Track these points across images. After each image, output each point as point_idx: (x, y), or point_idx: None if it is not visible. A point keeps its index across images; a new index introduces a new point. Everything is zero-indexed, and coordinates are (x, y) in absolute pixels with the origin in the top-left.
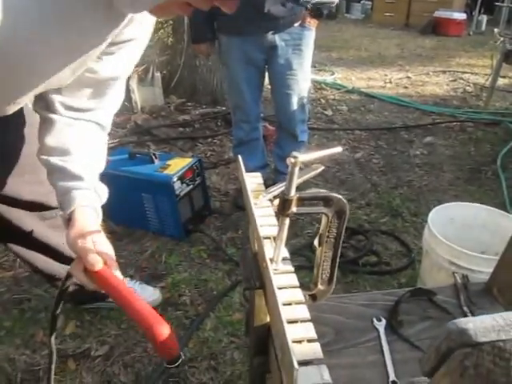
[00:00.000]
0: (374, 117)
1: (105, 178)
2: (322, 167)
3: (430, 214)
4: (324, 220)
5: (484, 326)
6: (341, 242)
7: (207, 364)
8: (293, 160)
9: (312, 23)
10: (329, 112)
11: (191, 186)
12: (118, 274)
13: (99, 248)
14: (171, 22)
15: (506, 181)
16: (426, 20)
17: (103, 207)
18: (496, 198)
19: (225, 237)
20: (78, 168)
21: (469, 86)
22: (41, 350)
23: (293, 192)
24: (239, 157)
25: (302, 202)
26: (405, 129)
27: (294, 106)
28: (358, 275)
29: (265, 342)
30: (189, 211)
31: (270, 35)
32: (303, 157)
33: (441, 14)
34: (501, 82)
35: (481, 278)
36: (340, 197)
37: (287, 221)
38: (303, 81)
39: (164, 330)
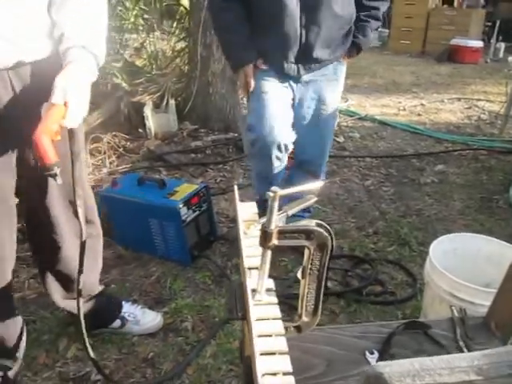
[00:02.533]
0: (386, 144)
1: (114, 202)
2: (315, 198)
3: (432, 245)
4: (306, 252)
5: (400, 370)
6: (324, 274)
7: None
8: (272, 194)
9: (346, 58)
10: (340, 139)
11: (197, 212)
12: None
13: (68, 94)
14: (187, 50)
15: None
16: (442, 47)
17: (113, 233)
18: (507, 228)
19: (230, 263)
20: (69, 29)
21: (484, 113)
22: (42, 372)
23: (273, 225)
24: (235, 186)
25: (283, 234)
26: (416, 156)
27: (322, 143)
28: (362, 305)
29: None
30: (195, 237)
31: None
32: (283, 191)
33: (457, 41)
34: None
35: (482, 311)
36: (321, 230)
37: (269, 253)
38: (333, 117)
39: (42, 142)
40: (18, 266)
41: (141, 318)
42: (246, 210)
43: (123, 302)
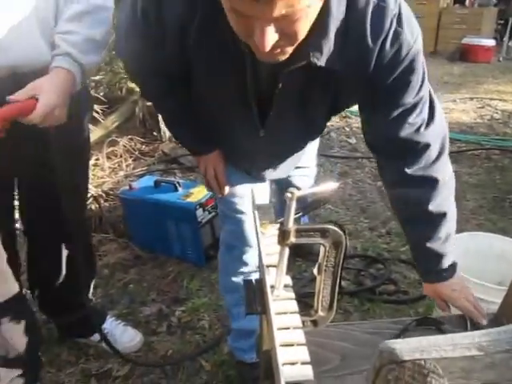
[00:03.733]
0: None
1: (132, 204)
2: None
3: None
4: (322, 250)
5: (409, 346)
6: (339, 271)
7: None
8: (289, 195)
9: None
10: (353, 140)
11: (213, 214)
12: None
13: (41, 94)
14: None
15: None
16: (454, 47)
17: (131, 234)
18: None
19: None
20: (60, 36)
21: (496, 112)
22: (65, 368)
23: (291, 224)
24: (252, 189)
25: (300, 233)
26: None
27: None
28: (375, 304)
29: (272, 366)
30: (210, 238)
31: None
32: (300, 192)
33: (469, 40)
34: None
35: (494, 308)
36: (336, 228)
37: (287, 250)
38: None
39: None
40: None
41: (118, 337)
42: (262, 211)
43: (107, 317)
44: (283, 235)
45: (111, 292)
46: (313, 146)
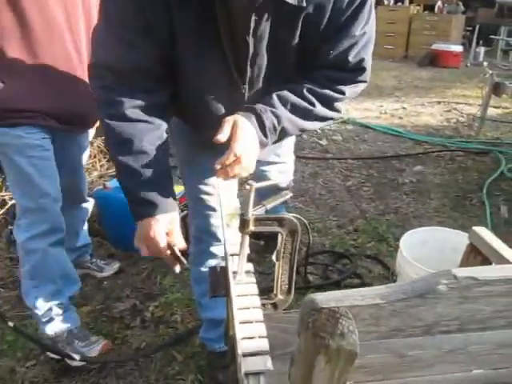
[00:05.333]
0: (368, 146)
1: (106, 204)
2: (291, 194)
3: (402, 238)
4: (279, 238)
5: (327, 298)
6: (296, 257)
7: (193, 377)
8: (248, 187)
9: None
10: (323, 142)
11: (185, 212)
12: None
13: None
14: None
15: (490, 207)
16: (424, 52)
17: (105, 233)
18: (479, 224)
19: None
20: None
21: (462, 116)
22: (39, 363)
23: (250, 213)
24: (218, 184)
25: (259, 222)
26: (396, 158)
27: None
28: None
29: None
30: (183, 235)
31: None
32: (258, 184)
33: (438, 46)
34: (494, 112)
35: None
36: (291, 218)
37: (247, 238)
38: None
39: None
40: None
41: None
42: (228, 204)
43: None
44: (243, 224)
45: (86, 289)
46: (289, 141)
